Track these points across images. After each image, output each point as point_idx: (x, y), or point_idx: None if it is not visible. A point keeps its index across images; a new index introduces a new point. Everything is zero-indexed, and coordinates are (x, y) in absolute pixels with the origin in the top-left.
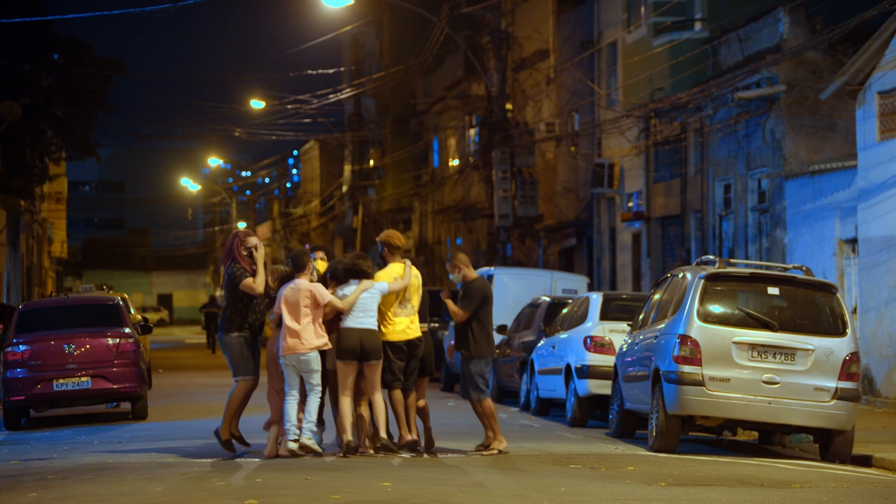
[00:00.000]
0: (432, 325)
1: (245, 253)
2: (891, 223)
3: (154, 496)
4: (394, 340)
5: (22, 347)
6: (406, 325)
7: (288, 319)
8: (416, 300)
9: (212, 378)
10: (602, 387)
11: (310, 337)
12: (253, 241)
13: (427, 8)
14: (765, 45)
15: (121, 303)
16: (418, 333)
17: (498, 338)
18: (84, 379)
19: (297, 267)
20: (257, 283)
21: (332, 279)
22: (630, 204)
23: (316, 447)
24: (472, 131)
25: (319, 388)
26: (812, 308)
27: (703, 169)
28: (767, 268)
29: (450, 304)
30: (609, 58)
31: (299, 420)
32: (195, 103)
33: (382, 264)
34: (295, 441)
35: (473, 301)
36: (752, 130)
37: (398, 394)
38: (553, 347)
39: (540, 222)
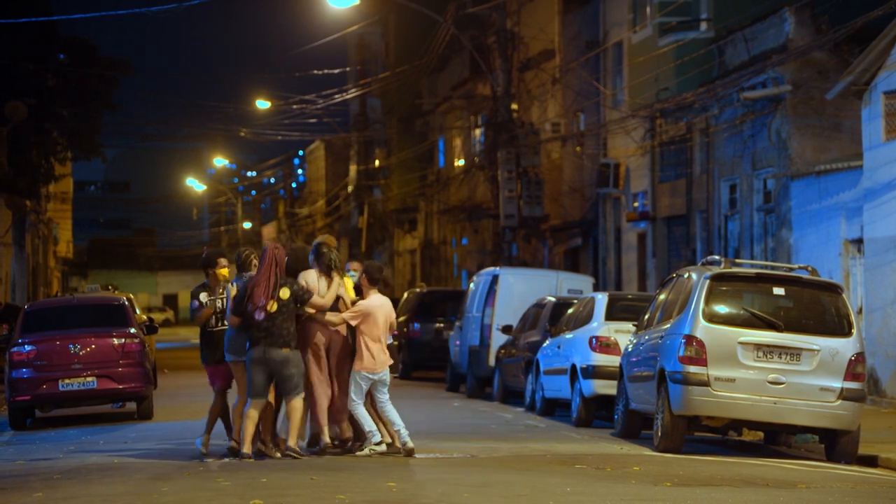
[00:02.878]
0: (437, 324)
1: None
2: None
3: (159, 496)
4: None
5: (27, 347)
6: None
7: (375, 335)
8: None
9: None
10: (607, 387)
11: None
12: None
13: (432, 8)
14: (770, 45)
15: (126, 303)
16: None
17: (503, 338)
18: (89, 379)
19: (375, 281)
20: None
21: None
22: (635, 204)
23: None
24: (478, 131)
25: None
26: (818, 308)
27: (709, 169)
28: (773, 268)
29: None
30: (614, 58)
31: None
32: (200, 103)
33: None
34: (382, 443)
35: None
36: (757, 130)
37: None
38: (558, 347)
39: (545, 222)
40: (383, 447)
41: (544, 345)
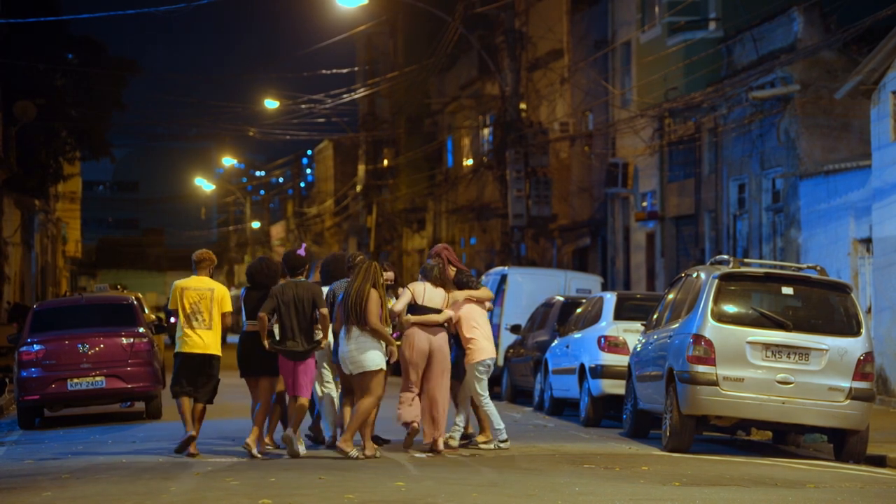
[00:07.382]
0: None
1: None
2: None
3: (168, 495)
4: None
5: (36, 347)
6: None
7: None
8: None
9: (226, 378)
10: (616, 386)
11: None
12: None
13: (441, 7)
14: (779, 44)
15: (135, 302)
16: None
17: (512, 337)
18: (98, 378)
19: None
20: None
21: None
22: (644, 203)
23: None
24: (486, 131)
25: None
26: (826, 308)
27: (718, 169)
28: (782, 267)
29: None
30: (623, 57)
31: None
32: (210, 102)
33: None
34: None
35: None
36: (766, 130)
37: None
38: (567, 347)
39: (554, 222)
40: (508, 444)
41: (553, 344)
